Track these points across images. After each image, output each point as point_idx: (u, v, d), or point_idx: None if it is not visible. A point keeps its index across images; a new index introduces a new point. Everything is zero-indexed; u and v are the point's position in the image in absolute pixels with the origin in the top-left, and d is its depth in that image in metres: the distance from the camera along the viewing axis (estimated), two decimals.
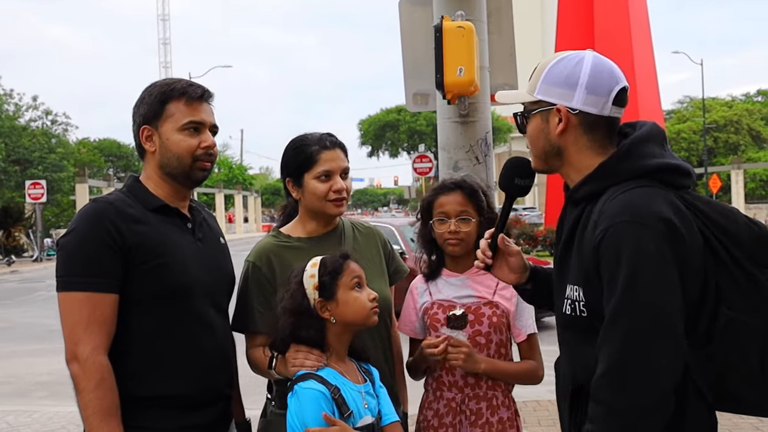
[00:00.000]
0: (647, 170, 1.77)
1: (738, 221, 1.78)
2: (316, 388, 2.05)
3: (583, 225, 1.80)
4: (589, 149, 1.85)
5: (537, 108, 1.88)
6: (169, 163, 2.15)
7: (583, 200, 1.84)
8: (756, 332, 1.71)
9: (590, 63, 1.83)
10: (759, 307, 1.71)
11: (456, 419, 2.45)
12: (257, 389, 2.87)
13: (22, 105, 33.20)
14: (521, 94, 1.94)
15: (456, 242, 2.49)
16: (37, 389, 7.78)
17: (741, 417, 5.71)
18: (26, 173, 29.83)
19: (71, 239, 2.03)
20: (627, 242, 1.64)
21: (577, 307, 1.78)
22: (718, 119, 48.16)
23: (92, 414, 1.94)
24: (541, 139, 1.89)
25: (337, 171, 2.45)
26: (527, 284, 2.12)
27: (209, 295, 2.17)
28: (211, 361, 2.16)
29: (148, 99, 2.16)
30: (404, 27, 4.74)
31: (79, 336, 1.96)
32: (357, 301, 2.15)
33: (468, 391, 2.46)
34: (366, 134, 46.00)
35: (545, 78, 1.86)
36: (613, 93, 1.83)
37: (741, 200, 34.66)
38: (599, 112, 1.82)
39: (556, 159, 1.90)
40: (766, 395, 1.74)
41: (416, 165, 23.89)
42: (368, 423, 2.10)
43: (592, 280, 1.73)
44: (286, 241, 2.51)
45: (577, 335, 1.83)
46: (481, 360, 2.42)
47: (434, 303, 2.53)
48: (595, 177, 1.82)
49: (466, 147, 4.31)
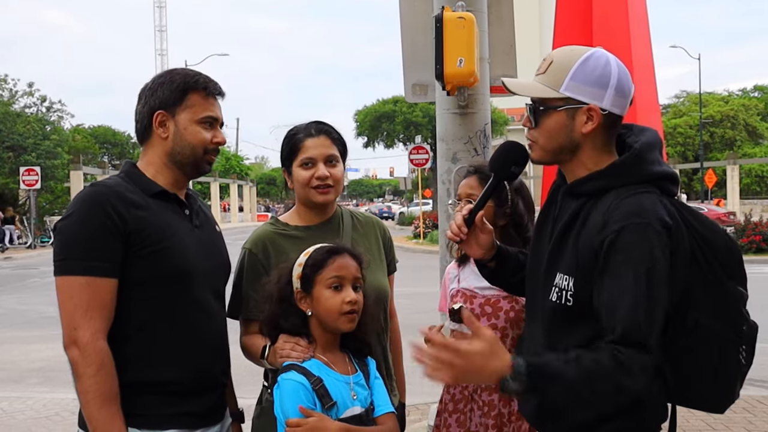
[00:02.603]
0: (653, 176, 1.85)
1: (717, 232, 1.88)
2: (296, 379, 2.05)
3: (583, 220, 1.84)
4: (602, 147, 1.90)
5: (564, 104, 1.86)
6: (182, 151, 2.15)
7: (585, 195, 1.87)
8: (717, 336, 1.81)
9: (616, 64, 1.87)
10: (723, 313, 1.82)
11: (467, 407, 2.46)
12: (253, 378, 2.87)
13: (17, 91, 33.03)
14: (540, 88, 1.89)
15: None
16: (32, 376, 7.77)
17: (734, 412, 5.75)
18: (20, 160, 29.66)
19: (70, 222, 2.00)
20: (642, 242, 1.71)
21: (564, 296, 1.83)
22: (714, 114, 48.24)
23: (92, 400, 1.93)
24: (562, 134, 1.88)
25: (320, 158, 2.44)
26: (491, 261, 2.18)
27: (208, 282, 2.17)
28: (210, 348, 2.16)
29: (168, 85, 2.14)
30: (404, 17, 4.72)
31: (79, 321, 1.94)
32: (328, 301, 2.10)
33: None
34: (362, 125, 45.85)
35: (575, 75, 1.84)
36: (632, 95, 1.89)
37: (736, 195, 34.75)
38: (621, 112, 1.88)
39: (568, 154, 1.91)
40: (718, 394, 1.87)
41: (413, 156, 23.86)
42: (356, 414, 2.09)
43: (587, 273, 1.77)
44: (284, 229, 2.51)
45: (558, 322, 1.87)
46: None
47: (459, 291, 2.55)
48: (606, 174, 1.86)
49: (465, 138, 4.31)
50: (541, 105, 1.89)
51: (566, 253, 1.86)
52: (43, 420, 6.09)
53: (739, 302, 1.87)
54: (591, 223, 1.81)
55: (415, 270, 12.27)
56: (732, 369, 1.85)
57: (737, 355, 1.84)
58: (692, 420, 5.55)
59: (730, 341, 1.83)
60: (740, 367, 1.86)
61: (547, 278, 1.90)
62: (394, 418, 2.19)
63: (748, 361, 1.88)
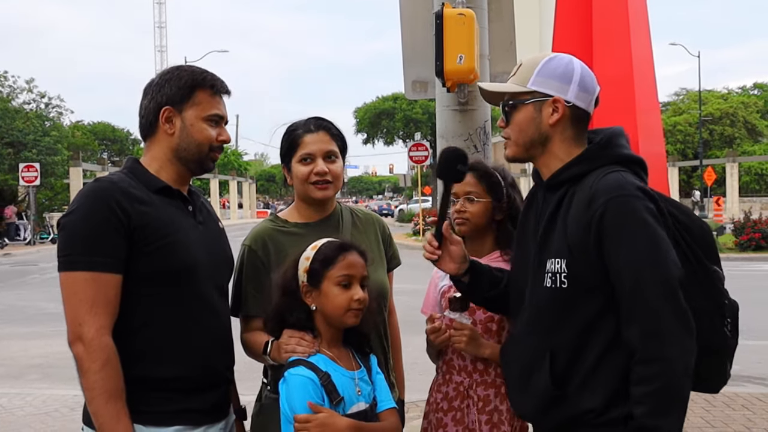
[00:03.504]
0: (624, 158, 2.02)
1: (692, 218, 2.04)
2: (305, 374, 2.05)
3: (567, 203, 1.97)
4: (571, 140, 2.05)
5: (530, 98, 2.04)
6: (188, 148, 2.15)
7: (565, 183, 2.01)
8: (705, 312, 1.94)
9: (579, 64, 2.07)
10: (707, 290, 1.98)
11: (463, 403, 2.46)
12: (252, 374, 2.87)
13: (16, 87, 32.97)
14: (509, 85, 2.08)
15: (461, 221, 2.52)
16: (31, 372, 7.77)
17: (732, 409, 5.76)
18: (20, 156, 29.61)
19: (74, 218, 2.00)
20: (634, 211, 1.86)
21: (558, 278, 1.94)
22: (713, 112, 48.16)
23: (97, 396, 1.92)
24: (531, 127, 2.05)
25: (319, 153, 2.44)
26: (464, 275, 2.24)
27: (212, 278, 2.17)
28: (215, 344, 2.16)
29: (176, 82, 2.15)
30: (404, 13, 4.72)
31: (83, 317, 1.94)
32: (337, 298, 2.12)
33: (476, 376, 2.46)
34: (361, 122, 45.84)
35: (540, 72, 2.03)
36: (596, 93, 2.08)
37: (735, 193, 34.77)
38: (586, 107, 2.06)
39: (539, 148, 2.07)
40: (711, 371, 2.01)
41: (412, 153, 23.89)
42: (361, 409, 2.09)
43: (580, 250, 1.90)
44: (283, 226, 2.51)
45: (556, 307, 1.96)
46: (487, 345, 2.42)
47: (452, 286, 2.54)
48: (581, 160, 2.02)
49: (465, 135, 4.30)
50: (511, 100, 2.07)
51: (554, 239, 1.98)
52: (42, 416, 6.09)
53: (718, 280, 2.02)
54: (576, 202, 1.94)
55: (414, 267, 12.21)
56: (721, 343, 2.00)
57: (723, 328, 2.00)
58: (691, 417, 5.55)
59: (717, 315, 1.99)
60: (727, 340, 2.01)
61: (539, 269, 2.00)
62: (396, 413, 2.20)
63: (734, 335, 2.03)
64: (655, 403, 1.80)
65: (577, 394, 1.92)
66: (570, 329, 1.94)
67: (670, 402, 1.80)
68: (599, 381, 1.91)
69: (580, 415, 1.92)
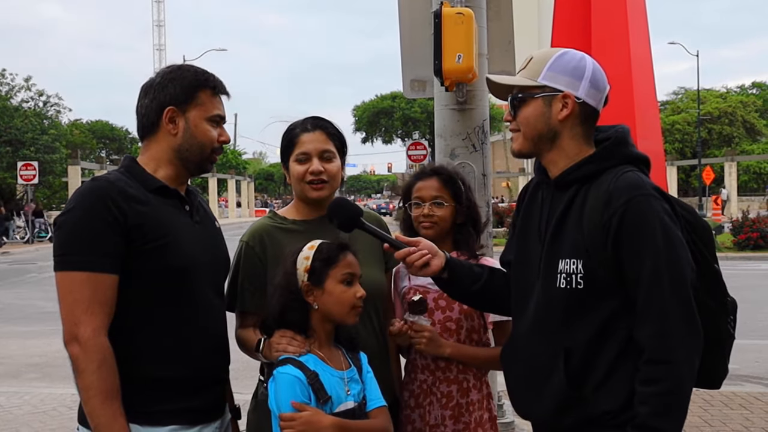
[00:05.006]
0: (634, 158, 2.01)
1: (696, 216, 2.04)
2: (293, 373, 2.06)
3: (580, 203, 1.95)
4: (580, 138, 2.03)
5: (540, 92, 2.01)
6: (191, 148, 2.15)
7: (576, 182, 1.99)
8: (711, 310, 1.97)
9: (591, 61, 2.04)
10: (712, 289, 1.99)
11: (426, 400, 2.51)
12: (249, 373, 2.87)
13: (14, 86, 32.95)
14: (520, 79, 2.05)
15: (429, 225, 2.55)
16: (29, 371, 7.76)
17: (730, 408, 5.76)
18: (18, 154, 29.61)
19: (71, 217, 1.99)
20: (655, 212, 1.86)
21: (573, 279, 1.92)
22: (712, 111, 48.22)
23: (94, 396, 1.92)
24: (540, 121, 2.02)
25: (315, 152, 2.45)
26: (443, 272, 2.23)
27: (209, 277, 2.17)
28: (211, 343, 2.15)
29: (179, 82, 2.14)
30: (403, 12, 4.72)
31: (80, 317, 1.93)
32: (343, 295, 2.14)
33: (439, 374, 2.51)
34: (360, 120, 45.83)
35: (552, 66, 2.01)
36: (606, 92, 2.05)
37: (734, 192, 34.81)
38: (596, 105, 2.03)
39: (547, 143, 2.04)
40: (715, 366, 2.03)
41: (411, 152, 23.89)
42: (349, 408, 2.11)
43: (597, 251, 1.88)
44: (281, 223, 2.51)
45: (571, 307, 1.95)
46: (447, 345, 2.46)
47: (411, 288, 2.57)
48: (593, 159, 2.00)
49: (463, 134, 4.30)
50: (520, 93, 2.04)
51: (567, 239, 1.95)
52: (41, 415, 6.09)
53: (720, 279, 2.03)
54: (592, 201, 1.92)
55: None
56: (725, 340, 2.03)
57: (726, 325, 2.02)
58: (690, 416, 5.53)
59: (721, 313, 2.01)
60: (730, 337, 2.04)
61: (549, 269, 1.98)
62: (386, 411, 2.21)
63: (734, 331, 2.06)
64: (660, 405, 1.80)
65: (595, 395, 1.91)
66: (585, 330, 1.93)
67: (673, 404, 1.81)
68: (617, 382, 1.90)
69: (598, 416, 1.91)
